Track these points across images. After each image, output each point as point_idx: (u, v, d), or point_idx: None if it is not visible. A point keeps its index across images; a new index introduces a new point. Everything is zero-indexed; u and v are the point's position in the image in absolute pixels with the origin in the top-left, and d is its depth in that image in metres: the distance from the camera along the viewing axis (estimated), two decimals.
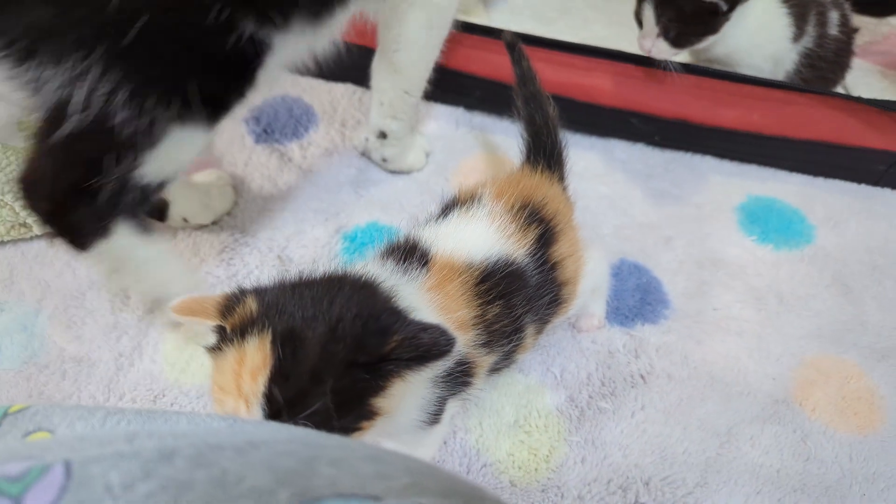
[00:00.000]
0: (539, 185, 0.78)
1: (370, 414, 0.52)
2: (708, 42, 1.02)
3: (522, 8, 1.42)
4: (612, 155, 1.15)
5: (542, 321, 0.74)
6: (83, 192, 0.64)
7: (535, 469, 0.78)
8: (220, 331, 0.54)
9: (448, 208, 0.75)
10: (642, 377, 0.87)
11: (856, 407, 0.87)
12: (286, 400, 0.48)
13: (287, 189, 1.03)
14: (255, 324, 0.51)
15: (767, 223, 1.07)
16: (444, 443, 0.78)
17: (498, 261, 0.67)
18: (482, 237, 0.69)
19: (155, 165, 0.66)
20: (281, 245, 0.95)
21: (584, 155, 1.14)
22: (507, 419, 0.82)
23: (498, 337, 0.67)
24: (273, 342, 0.50)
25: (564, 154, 0.85)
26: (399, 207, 1.02)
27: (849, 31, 1.15)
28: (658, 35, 0.98)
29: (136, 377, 0.81)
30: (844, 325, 0.96)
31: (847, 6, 1.15)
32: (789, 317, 0.96)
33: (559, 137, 0.85)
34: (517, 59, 0.88)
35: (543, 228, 0.73)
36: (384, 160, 1.05)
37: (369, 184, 1.05)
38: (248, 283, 0.89)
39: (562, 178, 0.84)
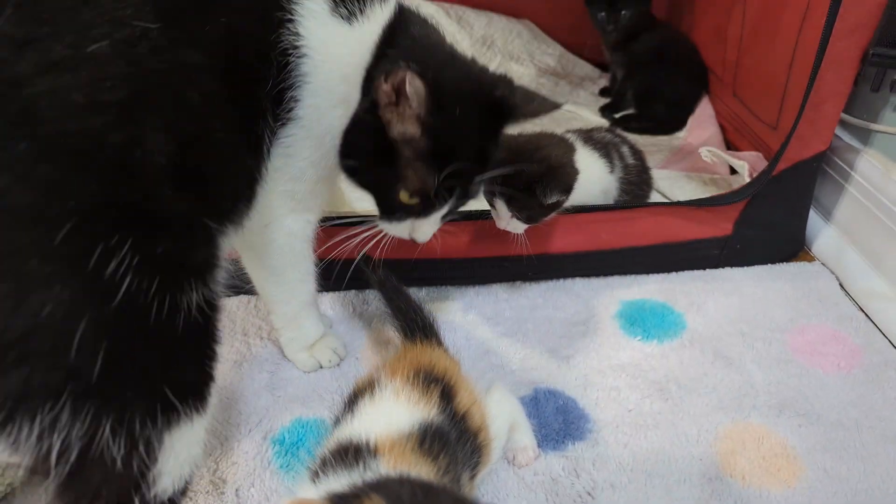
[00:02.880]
0: (422, 353, 0.89)
1: None
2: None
3: None
4: (497, 297, 1.26)
5: (472, 469, 0.79)
6: None
7: None
8: None
9: (352, 402, 0.82)
10: (589, 494, 0.91)
11: (777, 463, 0.96)
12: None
13: None
14: None
15: (645, 321, 1.20)
16: None
17: (423, 423, 0.74)
18: (399, 411, 0.76)
19: (167, 477, 0.66)
20: (210, 468, 0.93)
21: (473, 303, 1.24)
22: None
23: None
24: None
25: (435, 323, 0.97)
26: (318, 399, 1.04)
27: (640, 155, 1.38)
28: (511, 217, 1.11)
29: None
30: (738, 391, 1.07)
31: (630, 141, 1.39)
32: (692, 398, 1.06)
33: (426, 312, 0.98)
34: (389, 293, 1.02)
35: (441, 385, 0.81)
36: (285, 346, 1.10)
37: (285, 383, 1.07)
38: None
39: (440, 343, 0.95)
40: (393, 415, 0.75)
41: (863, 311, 1.25)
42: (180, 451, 0.66)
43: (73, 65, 0.57)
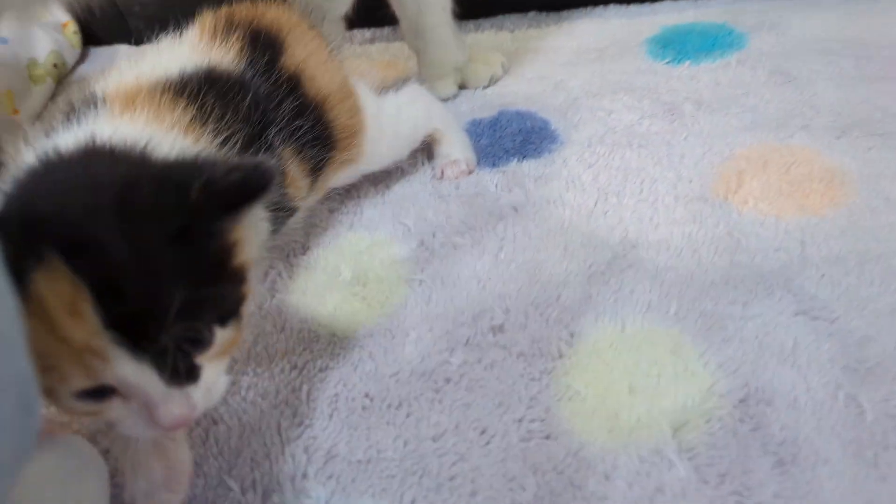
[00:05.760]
0: (252, 8, 0.66)
1: (238, 276, 0.42)
2: None
3: None
4: (502, 26, 1.02)
5: (316, 155, 0.62)
6: None
7: (366, 317, 0.62)
8: None
9: None
10: (514, 209, 0.70)
11: (807, 188, 0.66)
12: (140, 314, 0.36)
13: None
14: (26, 261, 0.35)
15: (684, 45, 0.90)
16: (260, 307, 0.64)
17: (197, 69, 0.57)
18: (168, 54, 0.59)
19: None
20: None
21: (474, 37, 1.02)
22: (343, 277, 0.67)
23: (246, 140, 0.55)
24: (68, 262, 0.35)
25: None
26: None
27: None
28: None
29: None
30: (788, 112, 0.76)
31: None
32: (711, 118, 0.77)
33: None
34: None
35: (262, 37, 0.62)
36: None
37: None
38: None
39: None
40: (159, 59, 0.58)
41: None
42: None
43: None
